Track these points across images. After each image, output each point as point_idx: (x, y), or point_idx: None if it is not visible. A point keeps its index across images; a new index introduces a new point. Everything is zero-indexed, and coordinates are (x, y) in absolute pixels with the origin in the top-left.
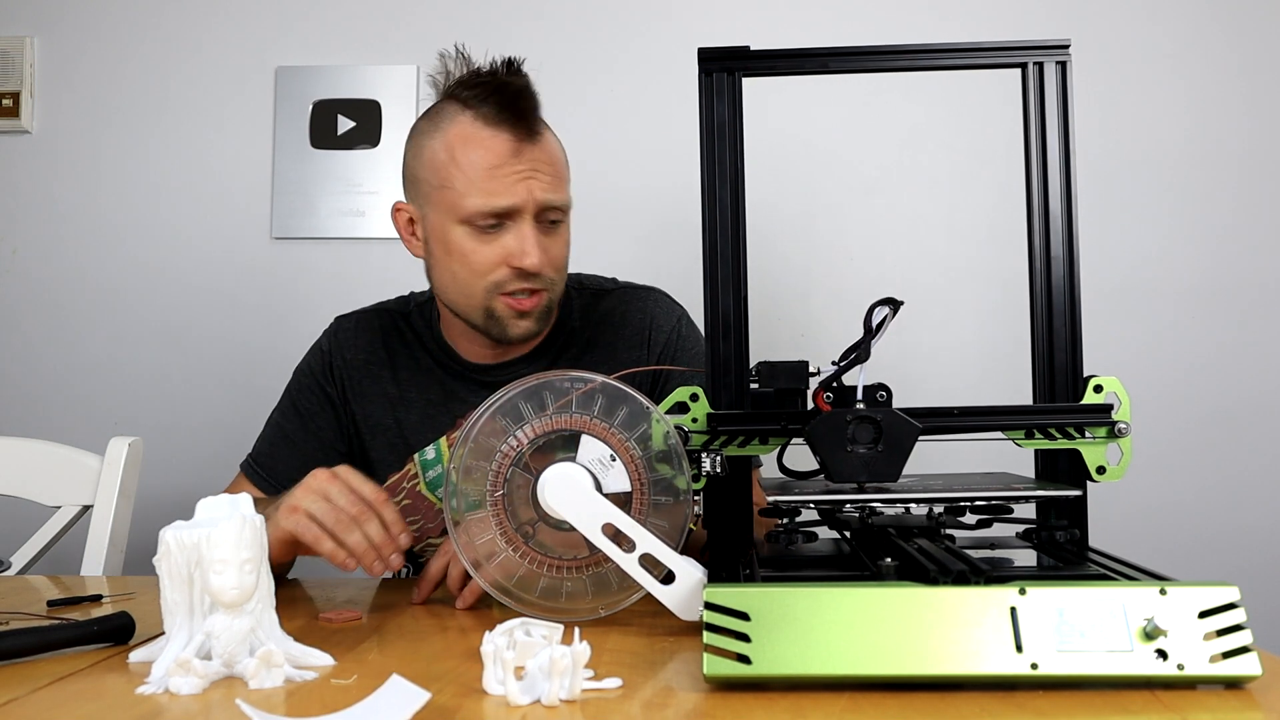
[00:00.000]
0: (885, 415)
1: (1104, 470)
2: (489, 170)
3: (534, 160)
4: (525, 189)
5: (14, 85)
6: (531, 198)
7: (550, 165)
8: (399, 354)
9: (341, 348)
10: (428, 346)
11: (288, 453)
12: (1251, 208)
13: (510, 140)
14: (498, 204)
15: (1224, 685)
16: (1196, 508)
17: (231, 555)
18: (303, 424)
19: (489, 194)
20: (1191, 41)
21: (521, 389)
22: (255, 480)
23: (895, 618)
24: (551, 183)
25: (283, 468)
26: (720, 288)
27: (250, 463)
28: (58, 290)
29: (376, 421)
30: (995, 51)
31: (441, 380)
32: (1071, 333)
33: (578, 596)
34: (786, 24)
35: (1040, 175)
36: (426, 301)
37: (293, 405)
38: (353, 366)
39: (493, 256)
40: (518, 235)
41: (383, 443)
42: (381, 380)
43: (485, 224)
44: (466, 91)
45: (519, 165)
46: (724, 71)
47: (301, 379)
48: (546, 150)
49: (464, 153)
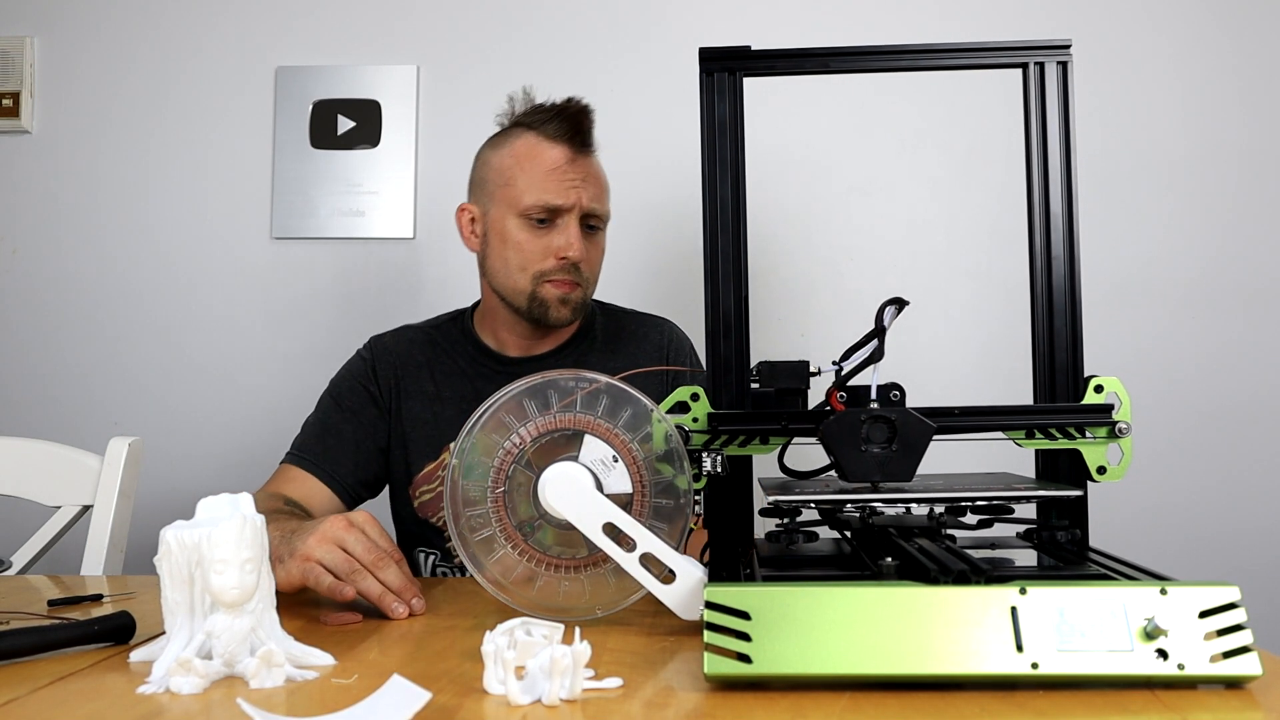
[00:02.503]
0: (900, 415)
1: (1104, 470)
2: (547, 173)
3: (585, 171)
4: (575, 194)
5: (14, 85)
6: (580, 202)
7: (597, 179)
8: (435, 358)
9: (383, 353)
10: (462, 349)
11: (336, 442)
12: (1251, 207)
13: (567, 151)
14: (552, 201)
15: (1224, 685)
16: (1196, 508)
17: (232, 555)
18: (347, 417)
19: (545, 192)
20: (1191, 41)
21: (526, 386)
22: (306, 467)
23: (896, 617)
24: (597, 193)
25: (333, 455)
26: (721, 287)
27: (296, 455)
28: (58, 290)
29: (416, 415)
30: (995, 51)
31: (473, 378)
32: (1072, 333)
33: (575, 596)
34: (786, 24)
35: (1040, 175)
36: (455, 317)
37: (336, 404)
38: (395, 368)
39: (541, 248)
40: (565, 232)
41: (421, 435)
42: (421, 379)
43: (539, 218)
44: (531, 117)
45: (572, 173)
46: (725, 71)
47: (343, 383)
48: (595, 166)
49: (528, 158)
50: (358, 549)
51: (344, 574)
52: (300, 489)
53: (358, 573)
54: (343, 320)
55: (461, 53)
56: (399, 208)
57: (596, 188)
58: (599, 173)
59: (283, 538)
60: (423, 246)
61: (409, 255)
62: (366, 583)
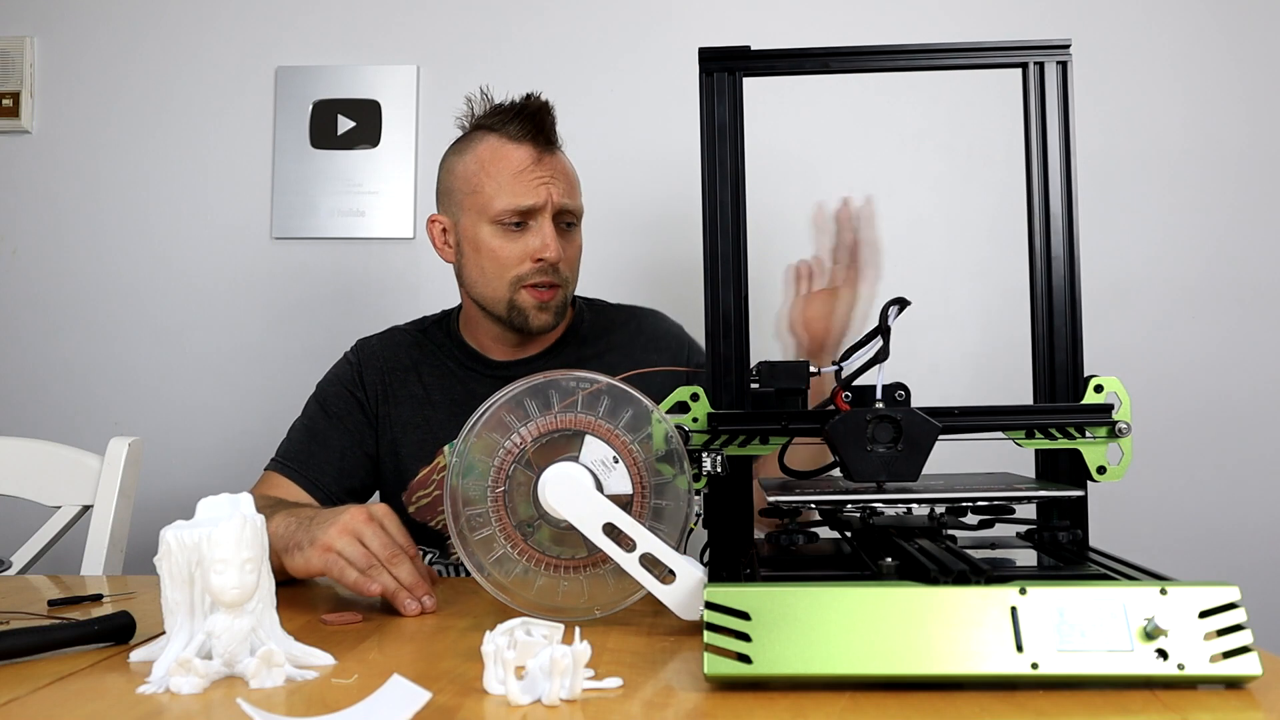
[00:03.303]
0: (905, 415)
1: (1104, 470)
2: (514, 175)
3: (552, 168)
4: (546, 191)
5: (14, 85)
6: (551, 199)
7: (566, 175)
8: (422, 361)
9: (370, 359)
10: (449, 352)
11: (320, 449)
12: (1251, 207)
13: (532, 151)
14: (523, 203)
15: (1224, 685)
16: (1196, 507)
17: (232, 555)
18: (333, 424)
19: (515, 194)
20: (1191, 41)
21: (528, 386)
22: (290, 475)
23: (896, 617)
24: (567, 189)
25: (317, 463)
26: (721, 287)
27: (280, 462)
28: (58, 290)
29: (406, 420)
30: (995, 51)
31: (463, 380)
32: (1071, 333)
33: (573, 596)
34: (786, 24)
35: (1040, 175)
36: (441, 319)
37: (321, 410)
38: (382, 373)
39: (517, 252)
40: (539, 232)
41: (413, 439)
42: (409, 383)
43: (511, 222)
44: (491, 119)
45: (540, 171)
46: (724, 71)
47: (329, 388)
48: (563, 162)
49: (493, 162)
50: (374, 544)
51: (361, 568)
52: (285, 496)
53: (374, 568)
54: (343, 320)
55: (461, 53)
56: (399, 208)
57: (566, 183)
58: (567, 168)
59: (300, 524)
60: (423, 246)
61: (409, 255)
62: (382, 578)
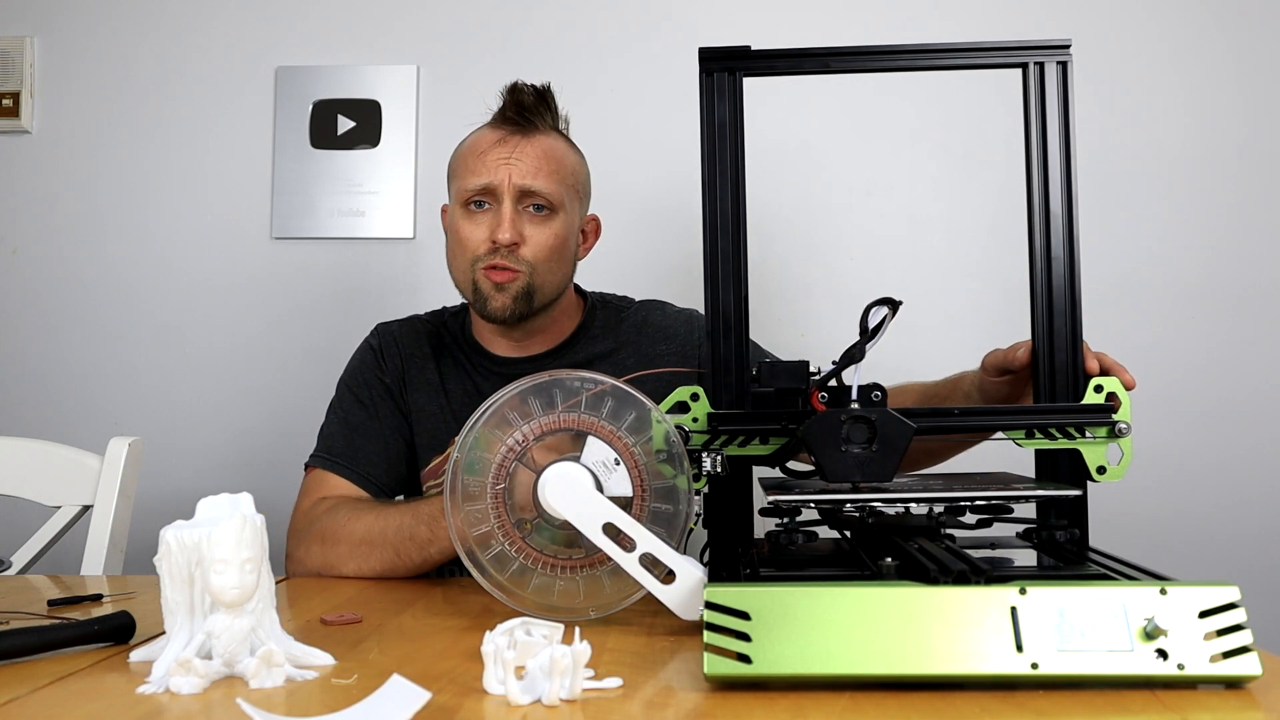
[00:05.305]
0: (879, 415)
1: (1104, 470)
2: (478, 155)
3: (519, 149)
4: (505, 170)
5: (14, 85)
6: (509, 178)
7: (537, 158)
8: (440, 350)
9: (390, 343)
10: (461, 346)
11: (364, 441)
12: (1250, 207)
13: (503, 133)
14: (477, 182)
15: (1224, 685)
16: (1196, 507)
17: (232, 555)
18: (370, 414)
19: (474, 173)
20: (1191, 41)
21: (532, 384)
22: (340, 472)
23: (895, 617)
24: (532, 170)
25: (364, 457)
26: (721, 287)
27: (326, 459)
28: (58, 290)
29: (422, 408)
30: (995, 51)
31: (471, 375)
32: (1071, 333)
33: (569, 596)
34: (786, 24)
35: (1040, 175)
36: (458, 311)
37: (355, 400)
38: (400, 358)
39: (477, 234)
40: (496, 214)
41: (428, 428)
42: (426, 371)
43: (475, 200)
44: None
45: (501, 151)
46: (724, 71)
47: (356, 377)
48: (539, 145)
49: (470, 146)
50: None
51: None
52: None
53: None
54: (343, 320)
55: (461, 53)
56: (399, 208)
57: (533, 164)
58: (546, 151)
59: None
60: (423, 246)
61: (409, 255)
62: None
